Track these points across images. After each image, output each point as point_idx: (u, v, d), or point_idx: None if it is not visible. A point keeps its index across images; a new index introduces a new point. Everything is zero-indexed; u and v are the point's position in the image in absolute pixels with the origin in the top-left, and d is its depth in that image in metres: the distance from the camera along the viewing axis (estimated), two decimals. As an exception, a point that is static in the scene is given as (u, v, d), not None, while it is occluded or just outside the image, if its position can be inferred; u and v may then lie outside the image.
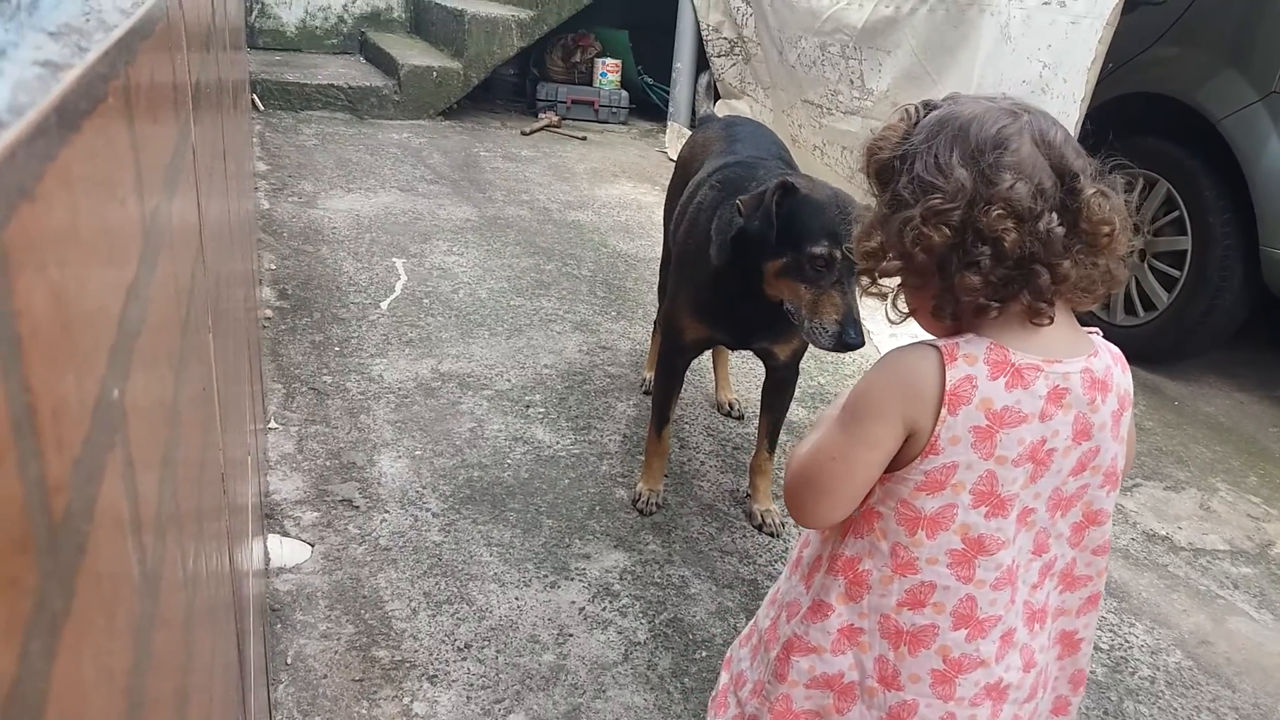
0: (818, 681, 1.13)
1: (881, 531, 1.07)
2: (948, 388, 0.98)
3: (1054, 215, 0.97)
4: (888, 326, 1.19)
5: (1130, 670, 1.95)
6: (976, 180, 0.98)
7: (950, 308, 1.02)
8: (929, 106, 1.07)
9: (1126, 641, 2.04)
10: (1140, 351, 3.32)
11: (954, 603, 1.05)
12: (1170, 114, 3.28)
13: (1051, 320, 0.99)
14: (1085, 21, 3.02)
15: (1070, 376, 1.01)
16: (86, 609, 0.33)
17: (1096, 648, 1.98)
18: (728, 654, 1.33)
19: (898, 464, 1.04)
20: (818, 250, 1.79)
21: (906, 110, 1.08)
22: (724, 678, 1.28)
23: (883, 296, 1.10)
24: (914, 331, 1.10)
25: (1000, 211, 0.96)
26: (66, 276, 0.34)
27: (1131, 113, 3.35)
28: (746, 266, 1.92)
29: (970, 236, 0.97)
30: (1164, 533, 2.47)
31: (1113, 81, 3.12)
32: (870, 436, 1.02)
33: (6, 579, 0.24)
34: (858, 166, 1.13)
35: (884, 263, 1.04)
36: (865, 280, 1.09)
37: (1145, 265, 3.39)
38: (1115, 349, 1.09)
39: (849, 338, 1.79)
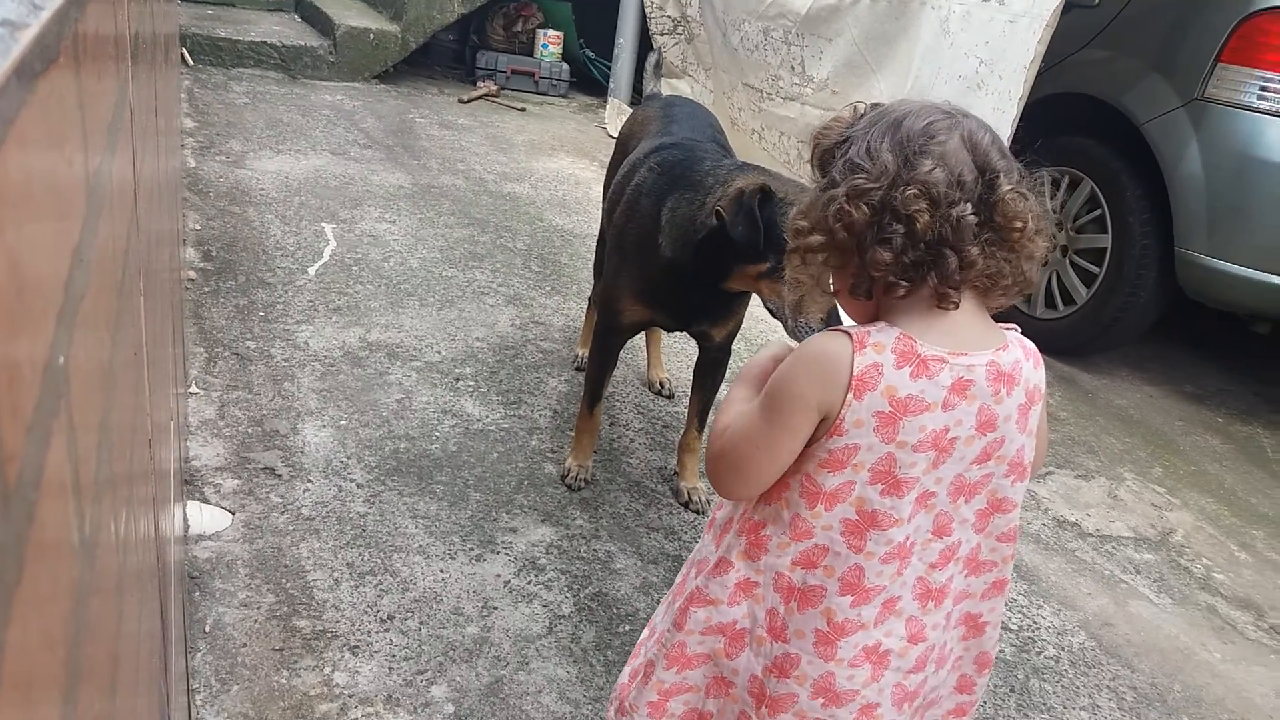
0: (711, 629, 1.19)
1: (785, 501, 1.12)
2: (854, 373, 1.03)
3: (968, 205, 1.02)
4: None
5: (1037, 650, 2.04)
6: (900, 164, 1.03)
7: (865, 285, 1.07)
8: (875, 106, 1.13)
9: (1034, 622, 2.13)
10: (1058, 344, 3.44)
11: (843, 569, 1.10)
12: (1097, 115, 3.38)
13: (957, 306, 1.05)
14: (1023, 21, 3.09)
15: (975, 369, 1.05)
16: (34, 578, 0.33)
17: (1006, 628, 2.07)
18: (655, 611, 1.38)
19: (807, 442, 1.09)
20: None
21: (855, 106, 1.14)
22: (645, 632, 1.33)
23: (811, 279, 1.14)
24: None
25: (915, 192, 1.01)
26: (21, 240, 0.34)
27: (1060, 112, 3.45)
28: (709, 263, 1.93)
29: (888, 216, 1.03)
30: (1073, 519, 2.58)
31: (1044, 81, 3.20)
32: (789, 424, 1.07)
33: (-30, 547, 0.24)
34: (805, 155, 1.18)
35: (808, 238, 1.09)
36: (795, 260, 1.13)
37: (1067, 261, 3.50)
38: (1030, 345, 1.13)
39: None
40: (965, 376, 1.05)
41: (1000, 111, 3.09)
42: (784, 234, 1.80)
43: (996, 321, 1.13)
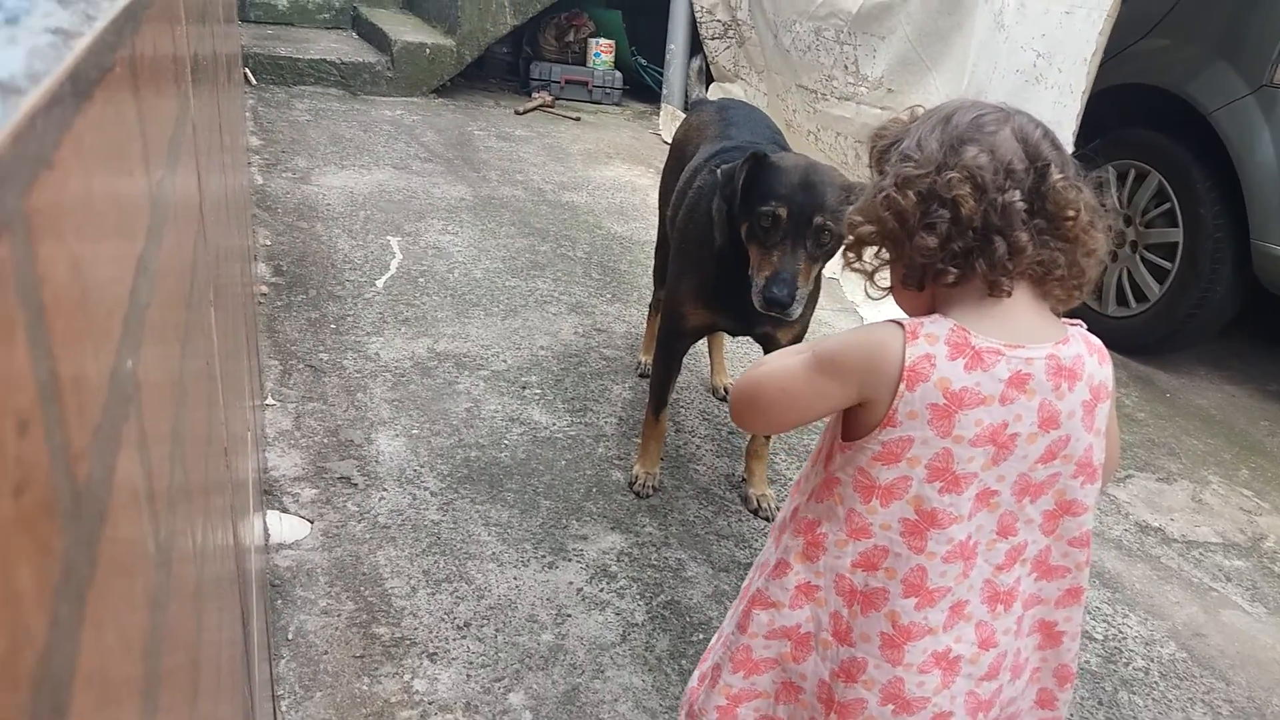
0: (775, 633, 1.18)
1: (839, 497, 1.11)
2: (906, 364, 1.02)
3: (1017, 193, 1.01)
4: (870, 302, 1.25)
5: (1124, 661, 1.97)
6: (946, 151, 1.04)
7: (917, 275, 1.07)
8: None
9: (1120, 632, 2.05)
10: (1132, 343, 3.34)
11: (905, 570, 1.07)
12: (1162, 106, 3.27)
13: (1009, 294, 1.03)
14: (1080, 12, 3.00)
15: (1034, 362, 1.03)
16: (108, 577, 0.33)
17: (1090, 637, 2.00)
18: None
19: (858, 433, 1.08)
20: (764, 209, 1.83)
21: (913, 109, 1.15)
22: (714, 639, 1.32)
23: (865, 274, 1.14)
24: (895, 310, 1.15)
25: (959, 176, 1.01)
26: (83, 246, 0.34)
27: (1123, 104, 3.35)
28: (740, 244, 1.93)
29: (934, 203, 1.02)
30: (1157, 524, 2.48)
31: (1105, 72, 3.11)
32: (823, 388, 1.08)
33: (37, 544, 0.24)
34: (863, 155, 1.21)
35: (860, 229, 1.10)
36: (850, 254, 1.14)
37: (1137, 257, 3.39)
38: (1094, 340, 1.10)
39: (770, 292, 1.81)
40: (1023, 370, 1.02)
41: (1061, 105, 3.00)
42: (759, 192, 1.85)
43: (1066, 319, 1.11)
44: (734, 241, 1.96)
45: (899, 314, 1.11)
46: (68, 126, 0.33)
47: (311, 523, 1.99)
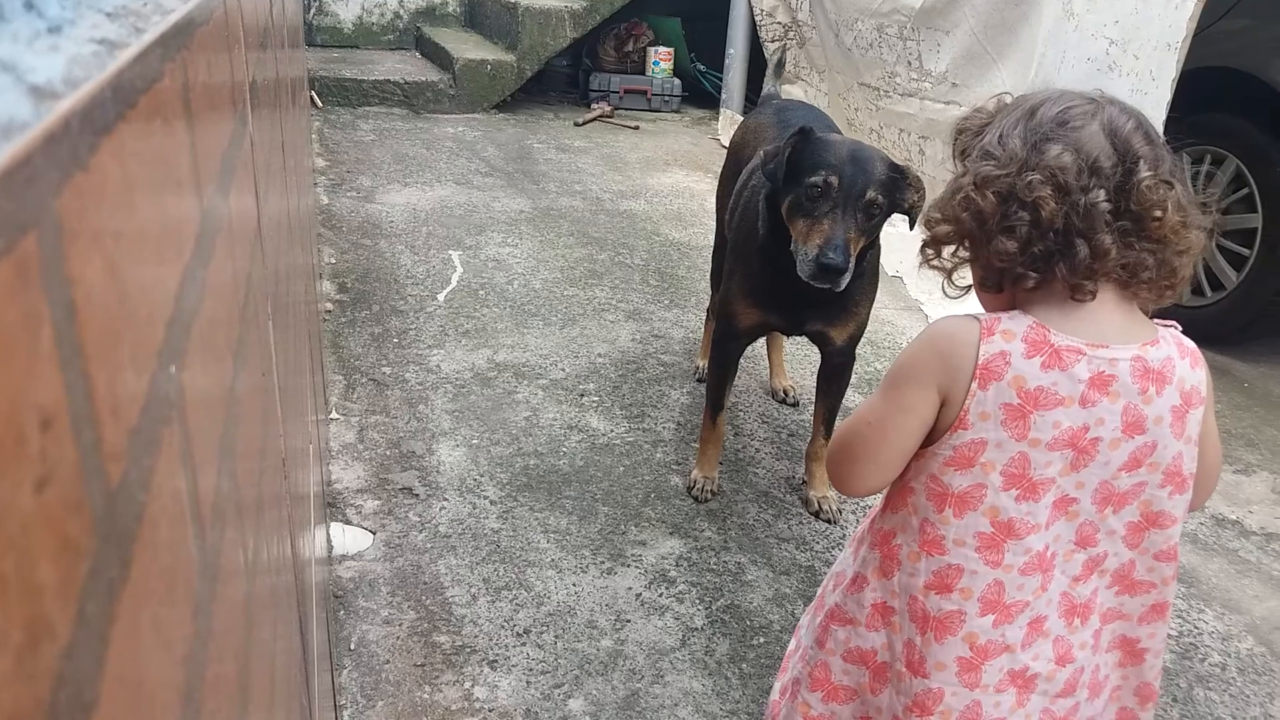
0: (853, 655, 1.15)
1: (913, 507, 1.07)
2: (980, 361, 0.98)
3: (1101, 192, 0.96)
4: (935, 299, 1.21)
5: (1200, 657, 1.90)
6: (1028, 150, 0.99)
7: (995, 277, 1.03)
8: (1021, 98, 1.09)
9: (1196, 628, 1.98)
10: (1208, 332, 3.21)
11: (981, 588, 1.03)
12: (1240, 89, 3.16)
13: (1093, 296, 0.98)
14: (1159, -4, 2.92)
15: (1118, 363, 0.98)
16: (145, 579, 0.33)
17: (1166, 635, 1.93)
18: (799, 621, 1.35)
19: (931, 438, 1.04)
20: (813, 179, 1.81)
21: (1000, 98, 1.11)
22: (791, 644, 1.30)
23: (944, 271, 1.10)
24: (972, 305, 1.11)
25: (1040, 178, 0.97)
26: (121, 249, 0.35)
27: (1199, 88, 3.24)
28: (783, 231, 1.92)
29: (1014, 204, 0.98)
30: (1234, 517, 2.39)
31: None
32: (905, 401, 1.03)
33: (61, 540, 0.25)
34: (927, 151, 1.18)
35: (937, 228, 1.06)
36: (929, 251, 1.10)
37: (1212, 244, 3.27)
38: (1189, 344, 1.04)
39: (825, 258, 1.78)
40: (1106, 371, 0.98)
41: (1140, 93, 2.91)
42: (805, 164, 1.83)
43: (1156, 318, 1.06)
44: (775, 233, 1.95)
45: (975, 310, 1.08)
46: (107, 132, 0.34)
47: (374, 534, 2.02)
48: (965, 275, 1.11)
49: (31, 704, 0.21)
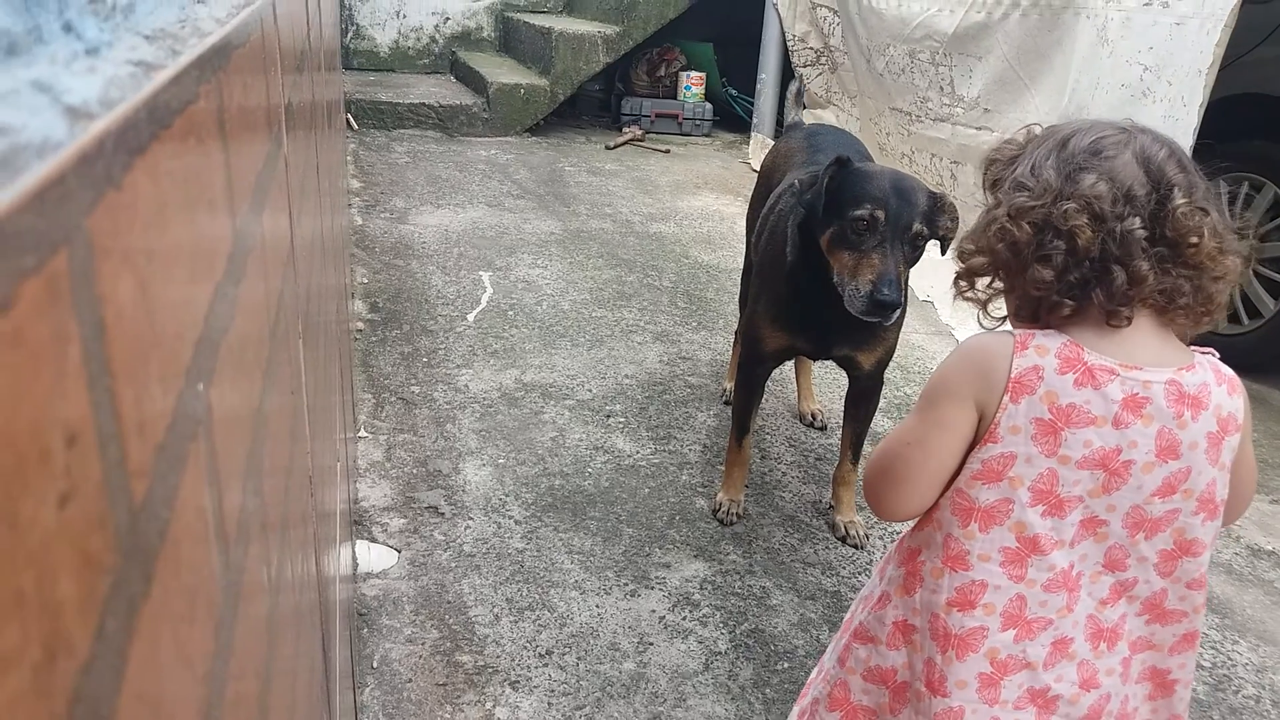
0: (873, 674, 1.14)
1: (938, 523, 1.07)
2: (1012, 375, 0.98)
3: (1136, 220, 0.96)
4: (966, 326, 1.21)
5: (1234, 689, 1.85)
6: (1063, 180, 0.99)
7: (1031, 307, 1.03)
8: (1051, 129, 1.09)
9: (1230, 659, 1.94)
10: (1245, 360, 3.15)
11: (1004, 603, 1.03)
12: (1276, 115, 3.12)
13: (1129, 322, 0.98)
14: (1192, 22, 2.90)
15: (1151, 386, 0.98)
16: (166, 596, 0.33)
17: (1198, 665, 1.89)
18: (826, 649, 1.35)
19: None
20: (858, 213, 1.79)
21: (1029, 129, 1.11)
22: (815, 670, 1.30)
23: (979, 302, 1.10)
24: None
25: (1075, 207, 0.97)
26: (153, 268, 0.35)
27: (1235, 115, 3.21)
28: (814, 258, 1.91)
29: (1050, 234, 0.98)
30: (1270, 548, 2.35)
31: (1215, 83, 2.98)
32: (943, 418, 1.03)
33: (84, 557, 0.25)
34: (959, 176, 1.18)
35: (972, 260, 1.06)
36: (963, 283, 1.10)
37: (1249, 272, 3.23)
38: (1226, 370, 1.03)
39: (881, 295, 1.76)
40: (1140, 393, 0.97)
41: (1173, 119, 2.89)
42: (848, 197, 1.81)
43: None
44: (807, 261, 1.94)
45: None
46: (141, 152, 0.34)
47: (399, 552, 2.02)
48: (1000, 307, 1.10)
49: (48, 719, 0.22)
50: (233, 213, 0.57)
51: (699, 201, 4.85)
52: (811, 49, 5.37)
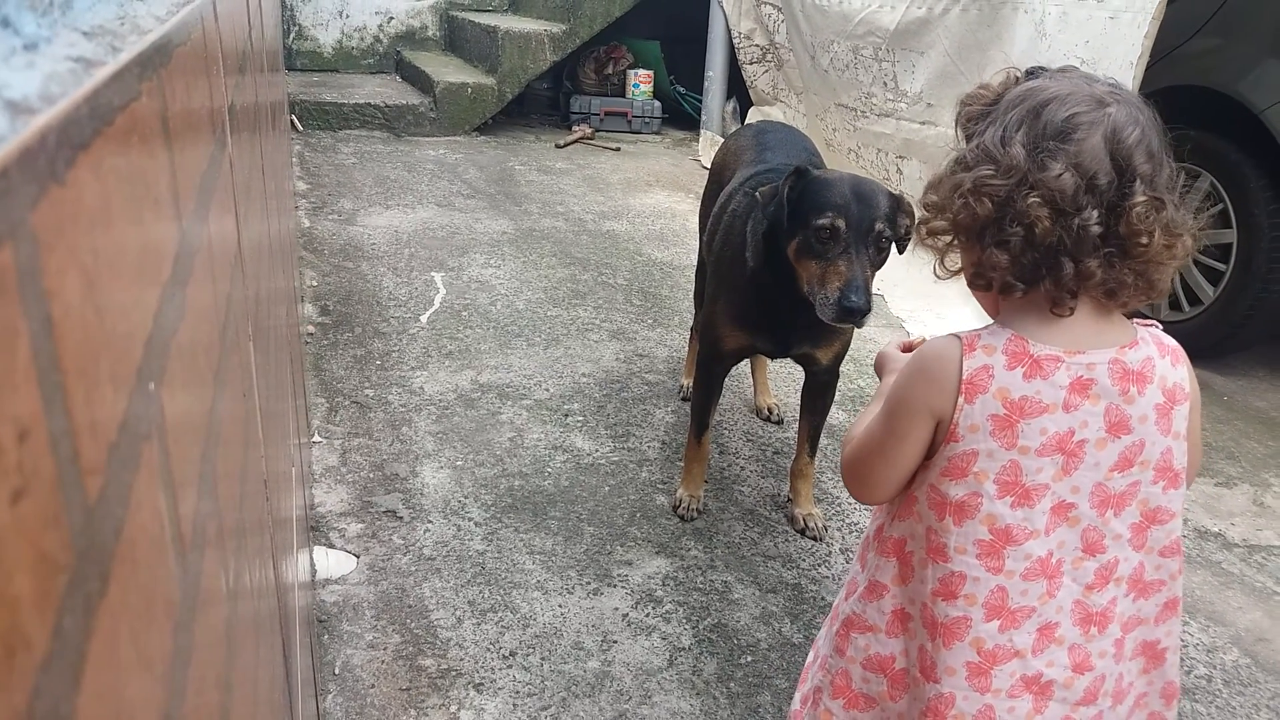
0: (872, 663, 1.16)
1: (918, 515, 1.10)
2: (964, 376, 1.01)
3: (1095, 213, 0.97)
4: (926, 317, 1.22)
5: (1186, 669, 1.90)
6: (1030, 163, 0.99)
7: (984, 279, 1.05)
8: (1031, 74, 1.08)
9: (1181, 640, 1.98)
10: (1186, 347, 3.21)
11: (985, 594, 1.06)
12: (1212, 106, 3.21)
13: (1071, 312, 1.01)
14: (1125, 16, 2.97)
15: (1095, 367, 1.01)
16: (123, 594, 0.33)
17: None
18: (816, 635, 1.37)
19: (929, 450, 1.07)
20: (821, 221, 1.81)
21: (1008, 72, 1.11)
22: (810, 655, 1.32)
23: (938, 251, 1.11)
24: (939, 311, 1.13)
25: (1038, 199, 0.98)
26: (100, 264, 0.34)
27: (1171, 106, 3.29)
28: (779, 265, 1.92)
29: (1009, 215, 1.00)
30: (1216, 529, 2.41)
31: (1152, 75, 3.05)
32: (901, 430, 1.07)
33: (39, 554, 0.24)
34: (905, 170, 1.19)
35: (933, 221, 1.08)
36: (923, 231, 1.11)
37: (1189, 260, 3.31)
38: (1169, 341, 1.07)
39: (849, 301, 1.78)
40: (1085, 375, 1.00)
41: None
42: (810, 206, 1.83)
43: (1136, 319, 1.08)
44: (770, 263, 1.95)
45: (955, 329, 1.10)
46: (84, 148, 0.34)
47: (358, 557, 2.00)
48: (956, 260, 1.12)
49: (8, 714, 0.21)
50: (178, 213, 0.56)
51: (650, 199, 4.86)
52: (757, 46, 5.41)
